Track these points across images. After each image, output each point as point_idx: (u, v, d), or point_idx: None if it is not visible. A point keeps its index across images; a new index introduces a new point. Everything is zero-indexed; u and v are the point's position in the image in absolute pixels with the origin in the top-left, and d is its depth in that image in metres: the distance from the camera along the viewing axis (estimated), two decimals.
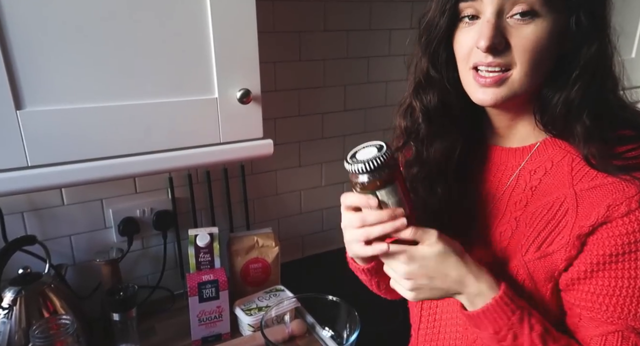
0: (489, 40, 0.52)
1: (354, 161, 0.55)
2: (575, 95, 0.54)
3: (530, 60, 0.53)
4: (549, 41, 0.53)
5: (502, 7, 0.52)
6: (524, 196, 0.61)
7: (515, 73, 0.54)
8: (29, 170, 0.70)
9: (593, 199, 0.53)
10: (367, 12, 1.28)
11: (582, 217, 0.53)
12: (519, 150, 0.63)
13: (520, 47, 0.53)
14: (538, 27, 0.52)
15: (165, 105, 0.78)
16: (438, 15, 0.57)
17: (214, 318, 1.02)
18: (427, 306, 0.71)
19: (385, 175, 0.54)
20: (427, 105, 0.63)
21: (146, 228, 1.15)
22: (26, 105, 0.68)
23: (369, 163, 0.53)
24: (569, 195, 0.55)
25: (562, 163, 0.58)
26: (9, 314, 0.87)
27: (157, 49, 0.75)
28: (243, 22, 0.79)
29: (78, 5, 0.68)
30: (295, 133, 1.29)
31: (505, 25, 0.53)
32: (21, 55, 0.66)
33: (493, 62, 0.54)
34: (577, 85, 0.54)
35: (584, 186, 0.54)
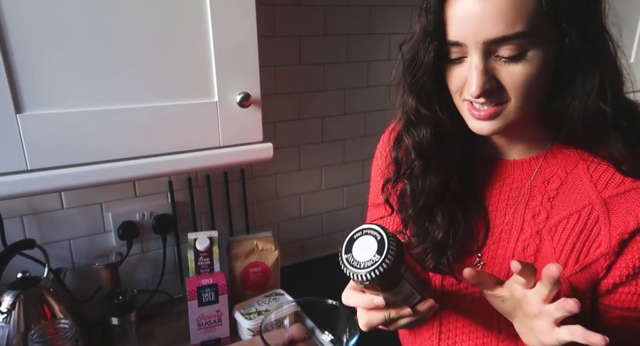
0: (480, 89, 0.51)
1: (351, 261, 0.47)
2: (592, 104, 0.52)
3: (524, 93, 0.52)
4: (542, 71, 0.51)
5: (489, 50, 0.50)
6: (543, 208, 0.59)
7: (510, 106, 0.53)
8: (28, 173, 0.70)
9: (626, 205, 0.53)
10: (367, 17, 1.28)
11: (618, 224, 0.53)
12: (525, 161, 0.62)
13: (512, 86, 0.51)
14: (528, 63, 0.50)
15: (165, 108, 0.78)
16: (422, 55, 0.54)
17: (213, 322, 1.02)
18: (446, 336, 0.68)
19: (390, 281, 0.47)
20: (420, 141, 0.61)
21: (146, 232, 1.14)
22: (26, 108, 0.68)
23: (369, 274, 0.45)
24: (597, 202, 0.54)
25: (577, 171, 0.57)
26: (8, 318, 0.87)
27: (157, 52, 0.75)
28: (243, 26, 0.80)
29: (78, 9, 0.68)
30: (295, 137, 1.29)
31: (494, 65, 0.51)
32: (21, 59, 0.67)
33: (486, 102, 0.53)
34: (591, 94, 0.52)
35: (612, 192, 0.54)
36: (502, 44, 0.49)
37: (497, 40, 0.49)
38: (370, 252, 0.45)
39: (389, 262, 0.44)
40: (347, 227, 1.47)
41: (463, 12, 0.49)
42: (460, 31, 0.50)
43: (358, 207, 1.45)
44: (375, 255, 0.44)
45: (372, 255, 0.44)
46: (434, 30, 0.52)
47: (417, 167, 0.62)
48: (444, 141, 0.61)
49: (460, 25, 0.50)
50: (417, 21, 0.55)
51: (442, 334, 0.68)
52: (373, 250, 0.45)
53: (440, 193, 0.62)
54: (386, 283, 0.47)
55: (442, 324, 0.68)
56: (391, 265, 0.44)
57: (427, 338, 0.71)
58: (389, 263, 0.44)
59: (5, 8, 0.64)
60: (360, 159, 1.42)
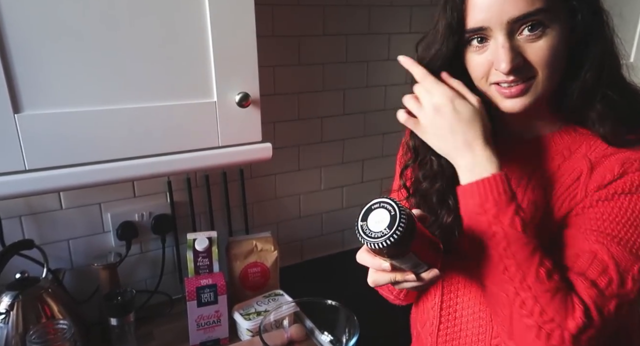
0: (510, 64, 0.55)
1: (364, 229, 0.51)
2: (590, 83, 0.57)
3: (550, 67, 0.56)
4: (562, 45, 0.56)
5: (512, 29, 0.55)
6: (542, 182, 0.63)
7: (538, 79, 0.57)
8: (26, 173, 0.70)
9: (608, 164, 0.57)
10: (366, 17, 1.28)
11: (597, 178, 0.57)
12: (534, 140, 0.65)
13: (538, 61, 0.56)
14: (549, 37, 0.55)
15: (163, 108, 0.78)
16: (442, 47, 0.59)
17: (212, 323, 1.01)
18: (447, 305, 0.71)
19: (396, 252, 0.51)
20: None
21: (145, 232, 1.14)
22: (24, 108, 0.68)
23: (378, 244, 0.49)
24: (584, 163, 0.59)
25: (580, 149, 0.61)
26: (6, 319, 0.87)
27: (156, 52, 0.75)
28: (242, 26, 0.80)
29: (77, 9, 0.68)
30: (294, 137, 1.29)
31: (518, 44, 0.56)
32: (20, 59, 0.66)
33: (516, 79, 0.57)
34: (589, 73, 0.57)
35: (599, 154, 0.59)
36: (524, 21, 0.54)
37: (520, 18, 0.54)
38: (382, 224, 0.49)
39: (396, 237, 0.48)
40: (346, 227, 1.47)
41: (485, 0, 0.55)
42: (484, 16, 0.55)
43: (357, 207, 1.44)
44: (386, 229, 0.49)
45: (384, 228, 0.49)
46: (456, 24, 0.57)
47: (428, 155, 0.66)
48: None
49: (484, 11, 0.55)
50: (442, 16, 0.59)
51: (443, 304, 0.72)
52: (385, 223, 0.49)
53: (452, 179, 0.64)
54: (393, 253, 0.52)
55: (444, 294, 0.72)
56: (398, 240, 0.48)
57: (429, 308, 0.74)
58: (396, 237, 0.48)
59: (4, 7, 0.64)
60: (360, 159, 1.42)
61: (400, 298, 0.77)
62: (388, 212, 0.50)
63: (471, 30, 0.57)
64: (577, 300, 0.53)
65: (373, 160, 1.43)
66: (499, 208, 0.55)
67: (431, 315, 0.74)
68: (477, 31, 0.57)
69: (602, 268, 0.54)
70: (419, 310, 0.78)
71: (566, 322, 0.52)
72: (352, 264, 0.64)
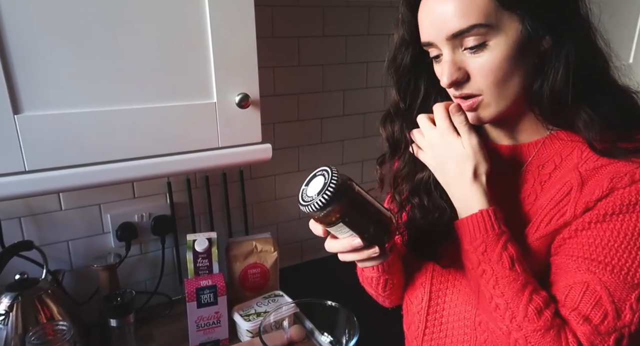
0: (449, 79, 0.57)
1: (303, 197, 0.52)
2: (559, 83, 0.55)
3: (494, 83, 0.56)
4: (509, 58, 0.55)
5: (455, 44, 0.56)
6: (533, 191, 0.62)
7: (485, 97, 0.58)
8: (26, 174, 0.70)
9: (598, 178, 0.55)
10: (366, 18, 1.28)
11: (586, 194, 0.55)
12: (524, 146, 0.64)
13: (478, 76, 0.56)
14: (492, 52, 0.55)
15: (163, 109, 0.78)
16: (400, 59, 0.63)
17: (212, 324, 1.01)
18: (434, 310, 0.71)
19: (327, 217, 0.51)
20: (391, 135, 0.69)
21: (144, 233, 1.14)
22: (24, 109, 0.68)
23: (309, 207, 0.50)
24: (574, 176, 0.57)
25: (572, 156, 0.60)
26: (5, 320, 0.87)
27: (156, 53, 0.75)
28: (242, 27, 0.80)
29: (76, 10, 0.68)
30: (294, 138, 1.29)
31: (462, 58, 0.57)
32: (19, 60, 0.66)
33: (461, 94, 0.59)
34: (558, 73, 0.55)
35: (589, 167, 0.57)
36: (464, 36, 0.55)
37: (456, 34, 0.55)
38: (315, 189, 0.50)
39: (321, 202, 0.49)
40: None
41: (428, 16, 0.57)
42: (427, 32, 0.58)
43: None
44: (316, 194, 0.50)
45: (314, 193, 0.50)
46: (409, 38, 0.61)
47: (388, 155, 0.70)
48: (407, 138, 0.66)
49: (427, 27, 0.57)
50: (396, 31, 0.63)
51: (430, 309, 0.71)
52: (318, 188, 0.50)
53: (424, 181, 0.66)
54: (322, 220, 0.52)
55: (431, 298, 0.71)
56: (323, 205, 0.49)
57: (415, 312, 0.74)
58: (321, 202, 0.49)
59: (4, 10, 0.64)
60: (359, 160, 1.42)
61: (381, 294, 0.76)
62: (322, 177, 0.51)
63: (423, 44, 0.59)
64: (571, 338, 0.50)
65: (372, 161, 1.41)
66: (487, 245, 0.55)
67: (417, 318, 0.73)
68: (427, 45, 0.59)
69: (595, 300, 0.51)
70: (405, 312, 0.78)
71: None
72: (351, 265, 0.65)
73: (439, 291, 0.70)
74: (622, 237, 0.52)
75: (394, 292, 0.75)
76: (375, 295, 0.77)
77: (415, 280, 0.73)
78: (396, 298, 0.77)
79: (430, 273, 0.70)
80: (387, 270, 0.69)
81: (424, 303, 0.71)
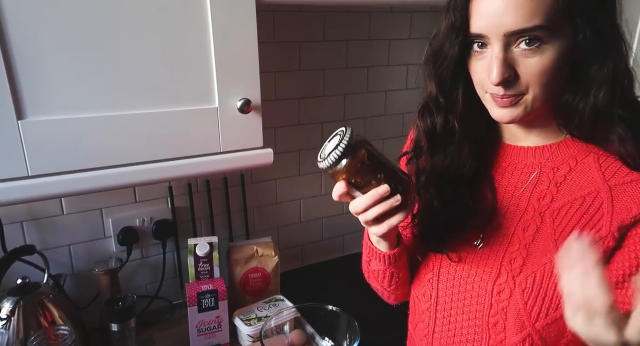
0: (500, 77, 0.55)
1: (321, 153, 0.56)
2: (602, 101, 0.55)
3: (541, 84, 0.56)
4: (557, 63, 0.55)
5: (509, 42, 0.54)
6: (549, 192, 0.62)
7: (528, 97, 0.57)
8: (29, 180, 0.70)
9: (631, 193, 0.55)
10: (367, 23, 1.29)
11: (621, 210, 0.55)
12: (538, 149, 0.64)
13: (529, 76, 0.55)
14: (545, 55, 0.54)
15: (166, 115, 0.78)
16: (448, 48, 0.59)
17: (213, 329, 1.01)
18: (442, 308, 0.70)
19: (341, 172, 0.55)
20: (432, 127, 0.66)
21: (146, 237, 1.14)
22: (28, 115, 0.69)
23: (326, 163, 0.55)
24: (603, 189, 0.57)
25: (587, 160, 0.60)
26: (7, 325, 0.87)
27: (159, 59, 0.75)
28: (244, 33, 0.80)
29: (80, 17, 0.69)
30: (295, 143, 1.30)
31: (513, 56, 0.55)
32: (23, 66, 0.67)
33: (506, 94, 0.57)
34: (602, 94, 0.55)
35: (619, 181, 0.56)
36: (521, 36, 0.53)
37: (517, 32, 0.53)
38: (332, 146, 0.55)
39: (335, 158, 0.54)
40: (347, 232, 1.47)
41: (487, 8, 0.54)
42: (483, 25, 0.55)
43: None
44: (331, 151, 0.54)
45: (329, 151, 0.54)
46: (459, 25, 0.57)
47: (426, 150, 0.67)
48: (455, 130, 0.65)
49: (484, 19, 0.55)
50: (445, 18, 0.59)
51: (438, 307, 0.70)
52: (334, 144, 0.54)
53: (449, 175, 0.65)
54: (344, 171, 0.55)
55: (439, 296, 0.70)
56: (336, 160, 0.54)
57: (424, 309, 0.73)
58: (335, 158, 0.54)
59: (8, 15, 0.65)
60: None
61: (387, 289, 0.75)
62: (339, 136, 0.55)
63: (472, 35, 0.57)
64: None
65: None
66: None
67: (426, 316, 0.73)
68: (477, 37, 0.57)
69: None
70: (413, 311, 0.78)
71: None
72: (352, 269, 0.65)
73: (447, 289, 0.69)
74: None
75: (400, 287, 0.75)
76: (382, 290, 0.77)
77: (423, 277, 0.73)
78: (402, 294, 0.77)
79: (437, 270, 0.70)
80: (393, 264, 0.69)
81: (433, 300, 0.71)
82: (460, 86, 0.63)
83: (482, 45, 0.57)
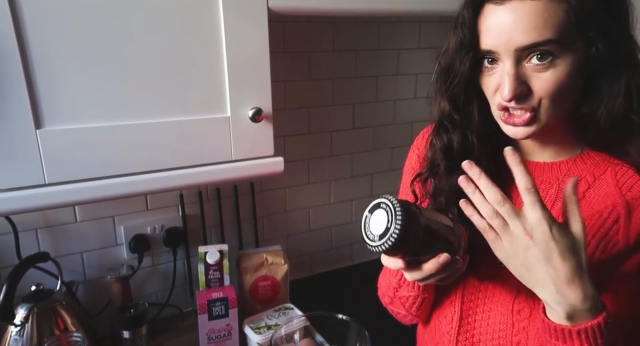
0: (511, 93, 0.54)
1: (368, 235, 0.52)
2: (618, 111, 0.55)
3: (554, 98, 0.55)
4: (570, 77, 0.54)
5: (520, 57, 0.54)
6: None
7: (541, 111, 0.56)
8: (45, 187, 0.72)
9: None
10: (376, 32, 1.30)
11: (638, 224, 0.54)
12: (555, 164, 0.63)
13: (541, 91, 0.54)
14: (558, 69, 0.53)
15: (179, 123, 0.79)
16: (458, 65, 0.59)
17: (223, 336, 1.02)
18: (465, 330, 0.68)
19: (402, 249, 0.51)
20: (449, 144, 0.65)
21: (156, 245, 1.15)
22: (45, 124, 0.70)
23: (381, 247, 0.50)
24: (619, 204, 0.56)
25: (605, 176, 0.59)
26: (22, 331, 0.88)
27: (172, 69, 0.77)
28: (255, 42, 0.81)
29: (95, 29, 0.70)
30: (304, 151, 1.31)
31: (524, 71, 0.54)
32: (42, 78, 0.69)
33: (517, 107, 0.56)
34: (617, 101, 0.55)
35: (635, 195, 0.56)
36: (532, 50, 0.53)
37: (528, 47, 0.52)
38: (381, 227, 0.50)
39: (393, 240, 0.49)
40: (355, 240, 1.47)
41: (496, 24, 0.54)
42: (493, 41, 0.55)
43: None
44: (384, 231, 0.50)
45: (381, 231, 0.50)
46: (468, 42, 0.57)
47: (443, 168, 0.66)
48: (473, 146, 0.64)
49: (494, 36, 0.54)
50: (453, 35, 0.59)
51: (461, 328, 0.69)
52: (383, 226, 0.50)
53: None
54: (401, 251, 0.52)
55: (462, 318, 0.69)
56: (396, 243, 0.49)
57: (445, 332, 0.71)
58: (393, 240, 0.49)
59: (29, 30, 0.66)
60: (369, 173, 1.42)
61: (413, 313, 0.74)
62: (385, 211, 0.50)
63: (482, 51, 0.57)
64: None
65: (382, 174, 1.44)
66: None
67: (446, 339, 0.71)
68: (487, 53, 0.56)
69: None
70: (431, 331, 0.75)
71: None
72: (361, 278, 0.64)
73: (469, 310, 0.68)
74: None
75: (425, 311, 0.74)
76: (405, 314, 0.74)
77: (444, 299, 0.71)
78: (423, 317, 0.76)
79: (461, 291, 0.68)
80: (427, 288, 0.67)
81: (454, 322, 0.69)
82: (474, 101, 0.63)
83: (492, 61, 0.57)
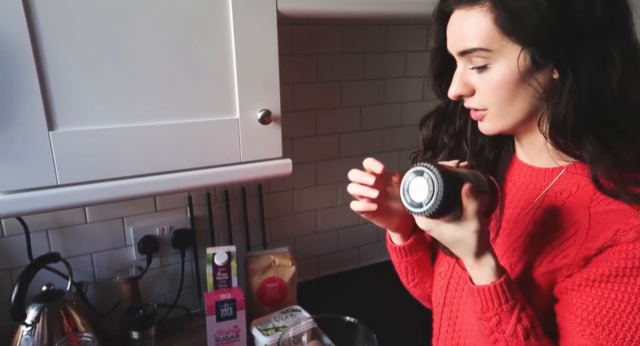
0: (455, 91, 0.62)
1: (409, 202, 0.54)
2: (557, 117, 0.55)
3: (496, 102, 0.59)
4: (508, 81, 0.57)
5: (465, 60, 0.60)
6: (545, 216, 0.61)
7: (490, 112, 0.61)
8: (57, 188, 0.73)
9: (606, 222, 0.53)
10: (383, 35, 1.31)
11: (591, 239, 0.54)
12: (548, 171, 0.64)
13: (482, 92, 0.60)
14: (493, 73, 0.58)
15: (188, 125, 0.80)
16: (430, 62, 0.69)
17: (230, 338, 1.02)
18: (447, 316, 0.71)
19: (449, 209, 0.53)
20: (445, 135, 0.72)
21: (165, 246, 1.16)
22: (58, 126, 0.71)
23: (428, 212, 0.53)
24: (584, 216, 0.56)
25: (587, 188, 0.58)
26: (32, 331, 0.89)
27: (182, 72, 0.78)
28: (265, 45, 0.82)
29: (108, 31, 0.71)
30: (312, 153, 1.31)
31: (470, 74, 0.60)
32: (55, 80, 0.69)
33: (468, 106, 0.63)
34: (554, 106, 0.55)
35: (600, 209, 0.55)
36: (470, 55, 0.59)
37: (462, 52, 0.59)
38: (422, 194, 0.53)
39: (439, 206, 0.51)
40: (362, 243, 1.47)
41: (449, 30, 0.62)
42: (449, 45, 0.62)
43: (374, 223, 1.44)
44: (427, 199, 0.52)
45: (424, 199, 0.52)
46: (438, 47, 0.65)
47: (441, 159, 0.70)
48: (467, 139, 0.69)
49: (449, 40, 0.62)
50: (432, 40, 0.68)
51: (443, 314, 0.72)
52: (424, 193, 0.52)
53: None
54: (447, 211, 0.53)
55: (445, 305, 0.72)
56: (441, 207, 0.51)
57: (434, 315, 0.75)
58: (438, 206, 0.51)
59: (43, 33, 0.67)
60: None
61: (410, 281, 0.78)
62: (425, 179, 0.53)
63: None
64: None
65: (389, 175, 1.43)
66: (501, 318, 0.55)
67: (435, 324, 0.75)
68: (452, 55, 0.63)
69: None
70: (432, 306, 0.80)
71: None
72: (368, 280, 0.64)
73: (453, 298, 0.70)
74: (625, 302, 0.52)
75: (419, 286, 0.78)
76: (405, 282, 0.80)
77: (436, 283, 0.74)
78: (422, 294, 0.80)
79: (447, 279, 0.71)
80: (405, 256, 0.73)
81: (439, 307, 0.73)
82: None
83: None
